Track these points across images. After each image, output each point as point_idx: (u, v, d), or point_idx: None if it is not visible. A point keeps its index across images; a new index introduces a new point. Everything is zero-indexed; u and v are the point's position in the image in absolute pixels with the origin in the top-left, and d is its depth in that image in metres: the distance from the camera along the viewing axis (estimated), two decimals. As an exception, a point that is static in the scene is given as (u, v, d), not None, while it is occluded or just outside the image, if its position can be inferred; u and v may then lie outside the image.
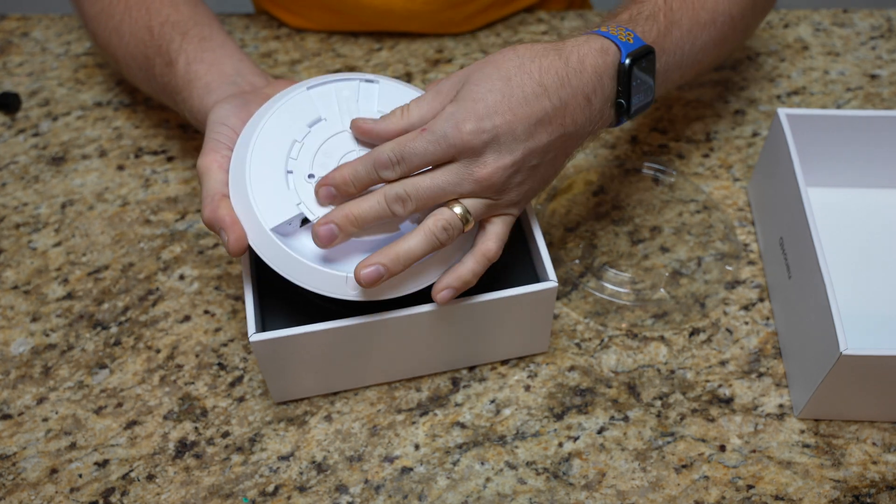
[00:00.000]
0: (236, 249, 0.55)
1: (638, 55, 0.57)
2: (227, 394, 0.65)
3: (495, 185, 0.54)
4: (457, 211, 0.54)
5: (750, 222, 0.76)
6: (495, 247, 0.57)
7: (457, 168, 0.54)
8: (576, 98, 0.55)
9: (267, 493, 0.60)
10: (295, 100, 0.59)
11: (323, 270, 0.55)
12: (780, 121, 0.69)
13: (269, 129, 0.57)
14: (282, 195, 0.56)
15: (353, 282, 0.55)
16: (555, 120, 0.54)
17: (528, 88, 0.54)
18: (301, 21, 0.93)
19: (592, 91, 0.56)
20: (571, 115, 0.55)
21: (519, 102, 0.53)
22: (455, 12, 0.90)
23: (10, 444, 0.63)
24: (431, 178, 0.54)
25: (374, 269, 0.53)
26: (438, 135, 0.53)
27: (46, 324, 0.70)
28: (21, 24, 0.96)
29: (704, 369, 0.66)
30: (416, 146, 0.54)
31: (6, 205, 0.78)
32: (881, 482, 0.60)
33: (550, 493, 0.60)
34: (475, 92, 0.54)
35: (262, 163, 0.56)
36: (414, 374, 0.65)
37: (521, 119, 0.53)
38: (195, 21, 0.69)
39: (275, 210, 0.55)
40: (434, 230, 0.54)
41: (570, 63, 0.55)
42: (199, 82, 0.64)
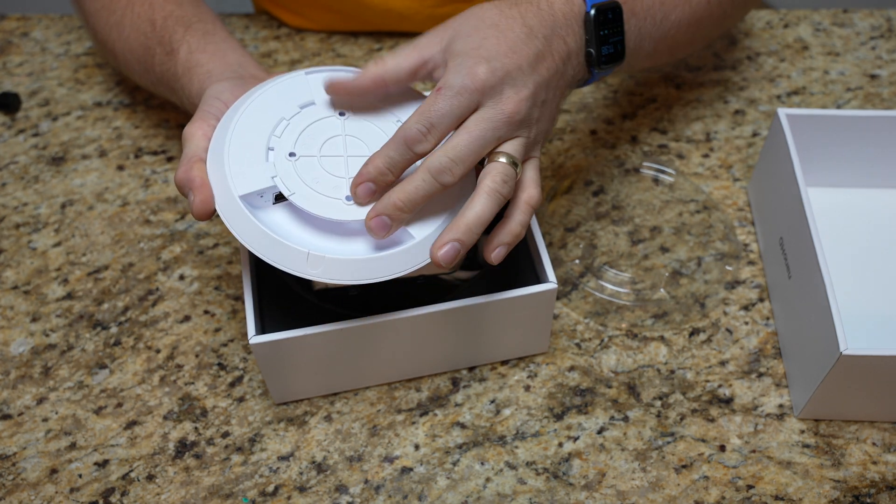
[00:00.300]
0: (201, 212, 0.54)
1: (603, 7, 0.59)
2: (227, 394, 0.65)
3: (523, 118, 0.55)
4: (504, 161, 0.54)
5: (750, 222, 0.76)
6: (537, 192, 0.57)
7: (485, 113, 0.54)
8: (556, 37, 0.57)
9: (267, 493, 0.60)
10: (290, 81, 0.58)
11: (285, 244, 0.53)
12: (780, 121, 0.69)
13: (258, 104, 0.57)
14: (258, 167, 0.55)
15: (313, 259, 0.53)
16: (547, 56, 0.56)
17: (518, 30, 0.56)
18: (301, 20, 0.93)
19: (566, 33, 0.58)
20: (558, 52, 0.57)
21: (515, 42, 0.55)
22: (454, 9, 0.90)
23: (10, 444, 0.63)
24: (468, 134, 0.54)
25: (451, 246, 0.52)
26: (457, 87, 0.53)
27: (46, 324, 0.70)
28: (21, 24, 0.96)
29: (704, 369, 0.66)
30: (440, 107, 0.53)
31: (6, 205, 0.78)
32: (881, 482, 0.60)
33: (550, 493, 0.60)
34: (471, 42, 0.55)
35: (243, 135, 0.56)
36: (414, 375, 0.65)
37: (524, 56, 0.55)
38: (199, 17, 0.70)
39: (248, 179, 0.54)
40: (496, 187, 0.53)
41: (542, 7, 0.57)
42: (200, 69, 0.65)
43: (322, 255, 0.53)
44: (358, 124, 0.59)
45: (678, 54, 0.74)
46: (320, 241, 0.55)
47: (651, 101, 0.86)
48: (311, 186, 0.55)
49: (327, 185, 0.56)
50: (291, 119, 0.58)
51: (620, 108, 0.86)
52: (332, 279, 0.54)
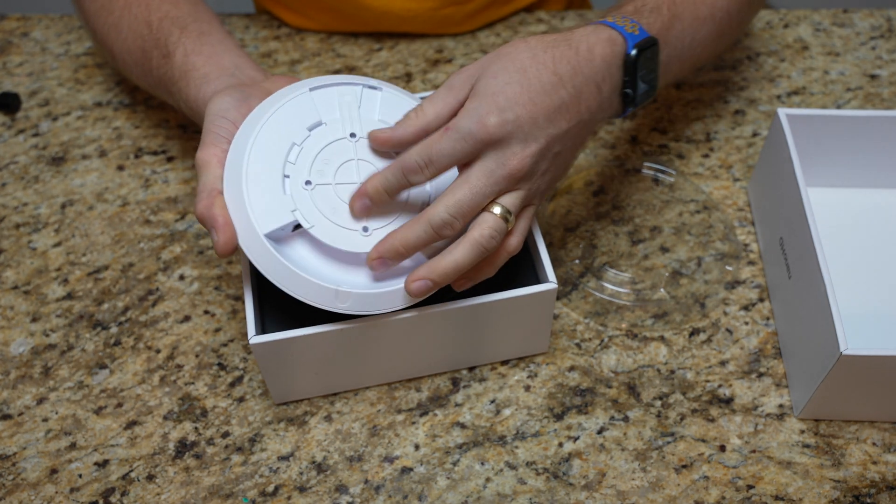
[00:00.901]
0: (224, 251, 0.55)
1: (643, 46, 0.58)
2: (227, 394, 0.65)
3: (526, 174, 0.55)
4: (497, 212, 0.55)
5: (750, 222, 0.76)
6: (517, 242, 0.58)
7: (487, 165, 0.54)
8: (588, 86, 0.56)
9: (267, 493, 0.60)
10: (296, 101, 0.58)
11: (313, 282, 0.55)
12: (780, 121, 0.68)
13: (269, 129, 0.57)
14: (278, 200, 0.56)
15: (342, 295, 0.55)
16: (572, 107, 0.56)
17: (545, 78, 0.55)
18: (301, 20, 0.93)
19: (602, 79, 0.57)
20: (586, 103, 0.56)
21: (538, 92, 0.54)
22: (454, 10, 0.90)
23: (10, 444, 0.63)
24: (469, 188, 0.54)
25: (424, 283, 0.55)
26: (464, 132, 0.53)
27: (46, 324, 0.70)
28: (21, 24, 0.96)
29: (704, 369, 0.66)
30: (442, 147, 0.54)
31: (6, 205, 0.78)
32: (881, 482, 0.60)
33: (550, 493, 0.60)
34: (493, 85, 0.54)
35: (259, 164, 0.56)
36: (414, 375, 0.65)
37: (542, 108, 0.54)
38: (195, 17, 0.69)
39: (269, 215, 0.55)
40: (481, 240, 0.54)
41: (581, 52, 0.56)
42: (195, 73, 0.64)
43: (349, 291, 0.55)
44: (369, 148, 0.59)
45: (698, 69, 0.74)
46: (344, 271, 0.57)
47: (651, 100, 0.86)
48: (329, 218, 0.56)
49: (344, 216, 0.57)
50: (303, 143, 0.58)
51: (620, 108, 0.86)
52: (359, 311, 0.56)
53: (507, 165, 0.54)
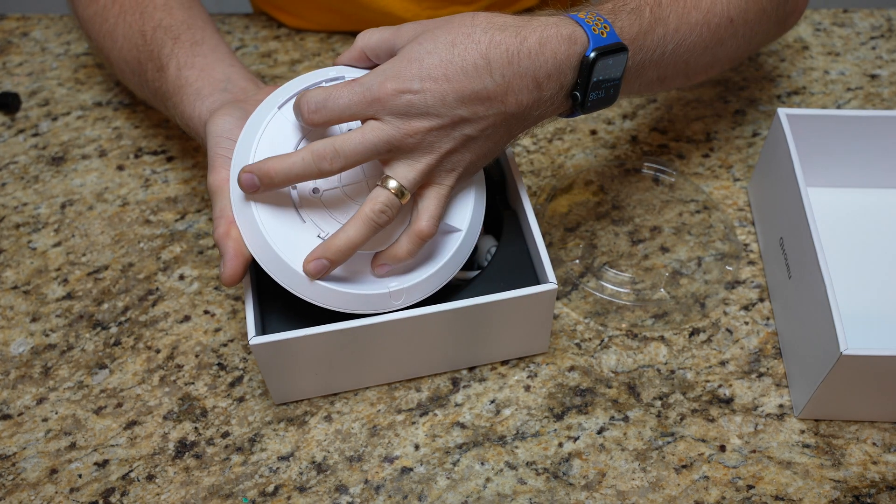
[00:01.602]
0: (228, 282, 0.56)
1: (606, 51, 0.54)
2: (226, 394, 0.65)
3: (420, 145, 0.53)
4: (391, 186, 0.54)
5: (750, 222, 0.76)
6: (427, 225, 0.56)
7: (385, 127, 0.53)
8: (523, 79, 0.53)
9: (267, 493, 0.60)
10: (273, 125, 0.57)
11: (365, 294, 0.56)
12: (780, 121, 0.68)
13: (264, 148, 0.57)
14: (300, 231, 0.56)
15: (395, 294, 0.57)
16: (495, 97, 0.53)
17: (471, 59, 0.52)
18: (299, 22, 0.93)
19: (546, 76, 0.53)
20: (515, 96, 0.53)
21: (456, 71, 0.52)
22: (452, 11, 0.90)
23: (10, 445, 0.63)
24: (362, 137, 0.53)
25: (319, 262, 0.55)
26: (365, 86, 0.53)
27: (46, 324, 0.70)
28: (21, 24, 0.96)
29: (704, 369, 0.66)
30: (340, 93, 0.53)
31: (6, 205, 0.78)
32: (881, 482, 0.60)
33: (550, 493, 0.60)
34: (415, 51, 0.53)
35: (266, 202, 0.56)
36: (414, 375, 0.65)
37: (455, 88, 0.52)
38: (188, 25, 0.69)
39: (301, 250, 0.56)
40: (371, 215, 0.54)
41: (526, 43, 0.53)
42: (189, 88, 0.64)
43: (400, 287, 0.57)
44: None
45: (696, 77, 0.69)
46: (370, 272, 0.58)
47: (651, 101, 0.86)
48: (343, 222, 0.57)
49: None
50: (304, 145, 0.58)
51: (620, 108, 0.86)
52: (415, 301, 0.58)
53: (400, 129, 0.53)
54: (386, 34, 0.57)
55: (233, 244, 0.56)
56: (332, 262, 0.55)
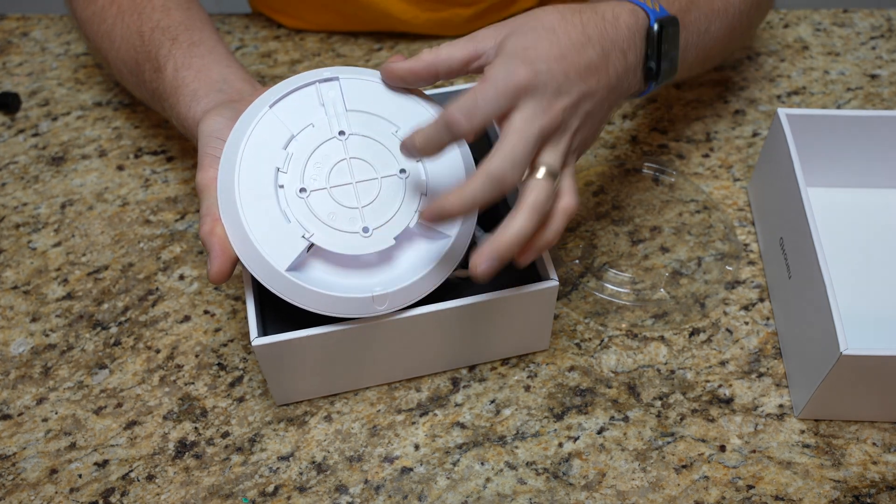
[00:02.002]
0: (215, 279, 0.56)
1: (665, 22, 0.59)
2: (226, 394, 0.65)
3: (560, 126, 0.55)
4: (541, 175, 0.54)
5: (750, 222, 0.76)
6: (574, 201, 0.56)
7: (527, 114, 0.53)
8: (615, 50, 0.57)
9: (267, 493, 0.60)
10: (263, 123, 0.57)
11: (347, 297, 0.56)
12: (780, 121, 0.68)
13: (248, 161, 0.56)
14: (285, 231, 0.56)
15: (378, 298, 0.56)
16: (601, 68, 0.56)
17: (574, 37, 0.55)
18: (297, 23, 0.93)
19: (628, 46, 0.57)
20: (613, 66, 0.57)
21: (568, 48, 0.54)
22: (454, 14, 0.90)
23: (10, 445, 0.63)
24: (518, 135, 0.53)
25: (490, 263, 0.53)
26: (498, 81, 0.53)
27: (46, 324, 0.70)
28: (21, 24, 0.96)
29: (704, 369, 0.66)
30: (484, 94, 0.53)
31: (6, 205, 0.78)
32: (881, 482, 0.60)
33: (550, 493, 0.60)
34: (522, 42, 0.54)
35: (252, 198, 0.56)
36: (415, 375, 0.65)
37: (573, 63, 0.54)
38: (186, 26, 0.69)
39: (283, 250, 0.55)
40: (536, 205, 0.53)
41: (607, 18, 0.57)
42: (185, 89, 0.64)
43: (384, 293, 0.56)
44: (359, 143, 0.59)
45: (709, 65, 0.74)
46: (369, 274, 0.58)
47: (651, 101, 0.86)
48: (328, 224, 0.57)
49: (343, 220, 0.57)
50: (293, 148, 0.57)
51: (620, 108, 0.86)
52: (398, 307, 0.57)
53: (545, 114, 0.53)
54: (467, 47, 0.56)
55: (218, 242, 0.56)
56: (502, 259, 0.53)
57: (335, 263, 0.58)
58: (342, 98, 0.59)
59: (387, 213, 0.58)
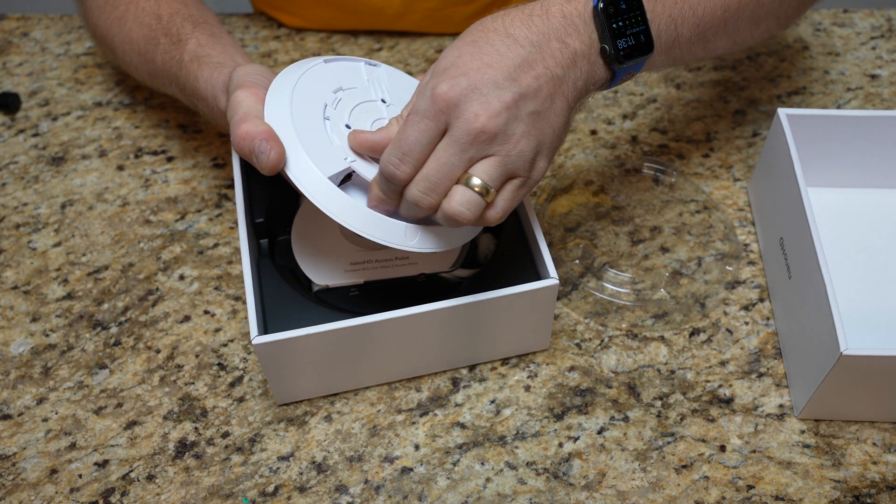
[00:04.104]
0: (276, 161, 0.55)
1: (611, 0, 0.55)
2: (227, 394, 0.65)
3: (493, 135, 0.52)
4: (472, 183, 0.52)
5: (750, 222, 0.76)
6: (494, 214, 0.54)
7: (451, 135, 0.52)
8: (550, 41, 0.54)
9: (267, 493, 0.60)
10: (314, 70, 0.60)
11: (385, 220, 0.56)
12: (780, 121, 0.69)
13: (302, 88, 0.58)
14: (330, 150, 0.57)
15: (410, 232, 0.56)
16: (536, 63, 0.53)
17: (497, 42, 0.53)
18: (298, 21, 0.93)
19: (566, 34, 0.54)
20: (552, 57, 0.54)
21: (491, 55, 0.53)
22: (453, 11, 0.90)
23: (10, 445, 0.63)
24: (436, 161, 0.52)
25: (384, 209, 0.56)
26: (422, 111, 0.52)
27: (46, 324, 0.70)
28: (21, 24, 0.96)
29: (704, 369, 0.66)
30: (408, 136, 0.53)
31: (6, 205, 0.78)
32: (881, 482, 0.60)
33: (550, 493, 0.60)
34: (443, 62, 0.53)
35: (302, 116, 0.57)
36: (416, 373, 0.65)
37: (499, 68, 0.52)
38: (205, 19, 0.71)
39: (328, 161, 0.56)
40: (450, 213, 0.53)
41: (535, 12, 0.55)
42: (209, 59, 0.66)
43: (416, 228, 0.56)
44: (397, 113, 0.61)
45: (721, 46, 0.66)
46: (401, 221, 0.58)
47: (651, 101, 0.86)
48: (368, 160, 0.58)
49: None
50: (342, 94, 0.60)
51: (620, 108, 0.86)
52: (425, 249, 0.57)
53: (469, 128, 0.51)
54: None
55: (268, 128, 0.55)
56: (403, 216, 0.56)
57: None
58: (385, 79, 0.63)
59: None
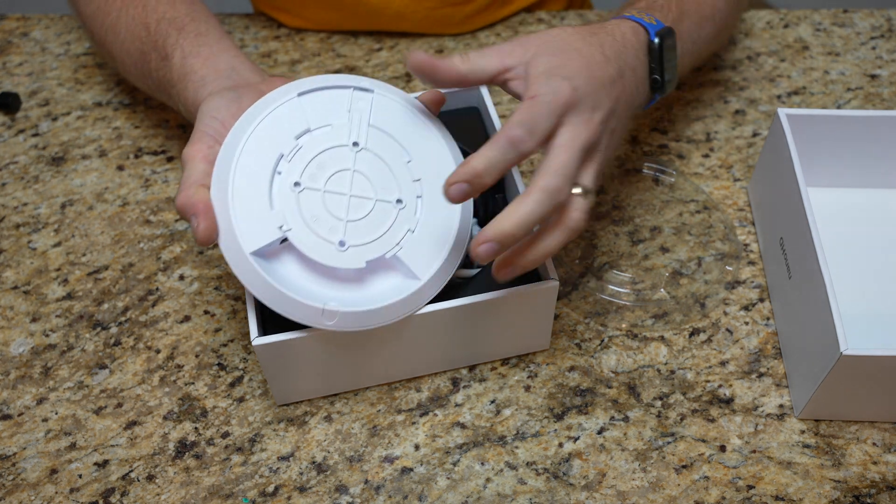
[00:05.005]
0: (205, 237, 0.55)
1: (664, 34, 0.62)
2: (226, 394, 0.65)
3: (598, 142, 0.56)
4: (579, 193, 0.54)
5: (750, 222, 0.76)
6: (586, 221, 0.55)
7: (572, 130, 0.54)
8: (627, 67, 0.60)
9: (267, 493, 0.60)
10: (284, 107, 0.58)
11: (298, 301, 0.55)
12: (780, 121, 0.68)
13: (258, 136, 0.56)
14: (265, 215, 0.55)
15: (328, 313, 0.55)
16: (618, 84, 0.59)
17: (598, 57, 0.58)
18: (299, 21, 0.93)
19: (636, 62, 0.61)
20: (628, 82, 0.60)
21: (595, 66, 0.57)
22: (453, 10, 0.90)
23: (10, 445, 0.63)
24: (569, 151, 0.54)
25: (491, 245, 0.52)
26: (548, 98, 0.54)
27: (46, 324, 0.70)
28: (21, 24, 0.96)
29: (704, 369, 0.66)
30: (540, 111, 0.54)
31: (6, 205, 0.78)
32: (881, 482, 0.60)
33: (550, 493, 0.60)
34: (554, 62, 0.56)
35: (247, 175, 0.56)
36: (416, 374, 0.65)
37: (601, 79, 0.57)
38: (192, 18, 0.69)
39: (256, 232, 0.55)
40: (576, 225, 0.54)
41: (616, 37, 0.61)
42: (193, 76, 0.64)
43: (336, 310, 0.55)
44: (369, 159, 0.58)
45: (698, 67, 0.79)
46: (332, 287, 0.57)
47: (653, 100, 0.86)
48: (309, 225, 0.56)
49: (325, 226, 0.56)
50: (304, 141, 0.57)
51: (620, 108, 0.86)
52: (346, 329, 0.56)
53: (586, 129, 0.55)
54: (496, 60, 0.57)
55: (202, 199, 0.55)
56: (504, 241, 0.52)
57: (308, 268, 0.57)
58: (370, 111, 0.59)
59: (369, 235, 0.57)
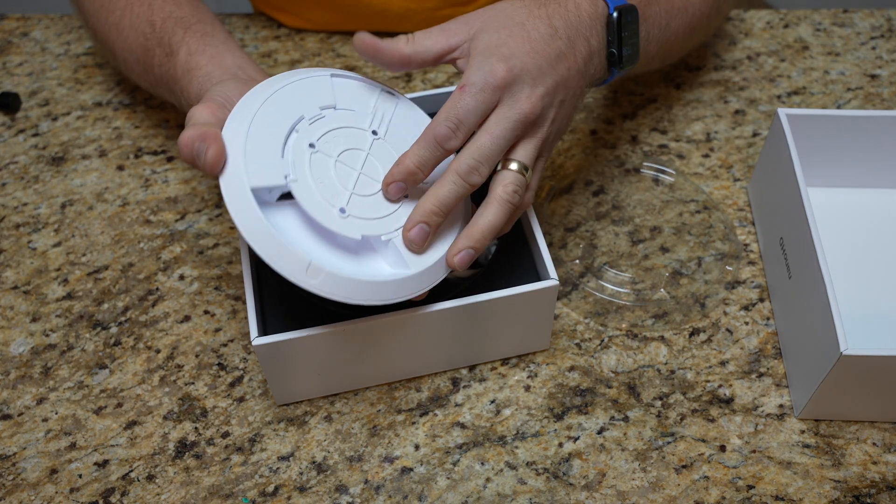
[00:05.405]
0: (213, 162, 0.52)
1: (624, 10, 0.62)
2: (227, 394, 0.65)
3: (538, 118, 0.57)
4: (515, 168, 0.57)
5: (750, 222, 0.76)
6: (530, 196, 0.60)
7: (504, 112, 0.56)
8: (579, 37, 0.60)
9: (267, 493, 0.60)
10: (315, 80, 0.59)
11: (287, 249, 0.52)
12: (780, 121, 0.69)
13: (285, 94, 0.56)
14: (275, 160, 0.54)
15: (314, 269, 0.52)
16: (568, 56, 0.59)
17: (542, 30, 0.58)
18: (299, 22, 0.93)
19: (590, 33, 0.61)
20: (580, 52, 0.60)
21: (538, 42, 0.57)
22: (453, 11, 0.90)
23: (10, 445, 0.63)
24: (490, 134, 0.56)
25: (466, 252, 0.56)
26: (479, 84, 0.55)
27: (46, 324, 0.70)
28: (21, 24, 0.96)
29: (704, 369, 0.66)
30: (465, 103, 0.55)
31: (6, 205, 0.78)
32: (881, 482, 0.60)
33: (550, 493, 0.60)
34: (495, 39, 0.57)
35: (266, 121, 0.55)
36: (416, 374, 0.65)
37: (544, 55, 0.57)
38: (198, 18, 0.70)
39: (262, 171, 0.53)
40: (507, 197, 0.56)
41: (569, 8, 0.60)
42: (199, 71, 0.65)
43: (321, 268, 0.52)
44: (385, 149, 0.59)
45: (668, 61, 0.79)
46: (326, 250, 0.55)
47: (651, 101, 0.86)
48: (314, 183, 0.55)
49: (330, 190, 0.55)
50: (330, 113, 0.58)
51: (620, 108, 0.86)
52: (326, 293, 0.53)
53: (520, 108, 0.56)
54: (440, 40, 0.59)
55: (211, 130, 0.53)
56: (476, 249, 0.56)
57: (305, 228, 0.55)
58: (393, 111, 0.61)
59: (371, 213, 0.57)
